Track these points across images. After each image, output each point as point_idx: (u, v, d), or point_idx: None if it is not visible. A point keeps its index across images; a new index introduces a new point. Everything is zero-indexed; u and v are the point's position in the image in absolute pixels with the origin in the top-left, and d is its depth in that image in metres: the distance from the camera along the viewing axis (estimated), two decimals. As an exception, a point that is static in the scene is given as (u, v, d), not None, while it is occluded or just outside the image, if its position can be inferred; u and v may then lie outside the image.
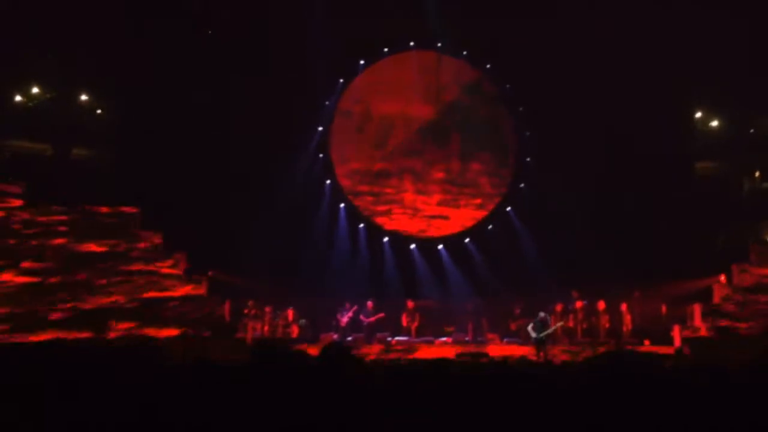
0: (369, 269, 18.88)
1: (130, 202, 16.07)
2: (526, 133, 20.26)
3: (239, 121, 17.62)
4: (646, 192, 18.06)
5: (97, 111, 18.04)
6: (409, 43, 20.41)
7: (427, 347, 16.03)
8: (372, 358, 14.15)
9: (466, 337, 17.08)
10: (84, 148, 18.17)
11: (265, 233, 17.08)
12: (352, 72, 20.36)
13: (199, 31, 18.00)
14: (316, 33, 17.35)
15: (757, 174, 18.72)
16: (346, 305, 17.51)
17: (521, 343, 16.17)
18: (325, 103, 20.06)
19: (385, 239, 19.86)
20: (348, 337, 16.66)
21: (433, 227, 20.20)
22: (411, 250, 19.83)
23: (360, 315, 17.47)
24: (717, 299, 16.23)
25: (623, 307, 16.97)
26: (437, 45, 20.35)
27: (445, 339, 16.85)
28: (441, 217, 20.25)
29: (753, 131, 18.51)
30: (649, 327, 16.92)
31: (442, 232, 20.17)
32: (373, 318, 17.37)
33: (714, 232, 18.03)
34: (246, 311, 16.81)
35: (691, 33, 16.37)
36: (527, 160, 20.30)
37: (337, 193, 20.06)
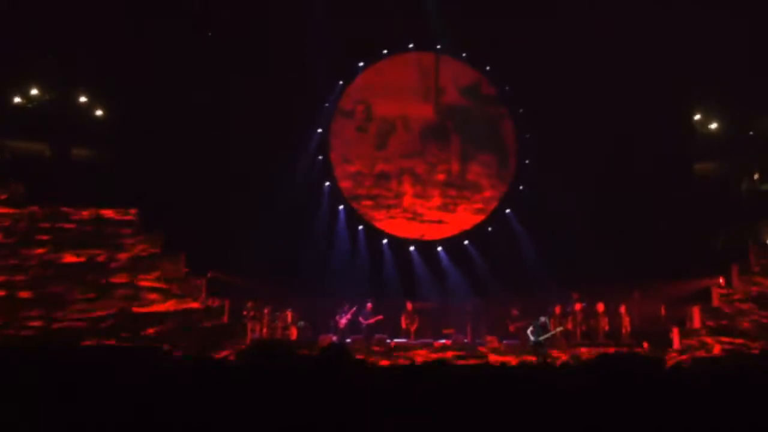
0: (368, 269, 18.84)
1: (129, 203, 16.06)
2: (526, 135, 20.22)
3: (239, 121, 17.60)
4: (646, 192, 18.03)
5: (97, 112, 17.97)
6: (409, 45, 20.38)
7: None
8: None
9: (465, 339, 17.07)
10: (84, 149, 18.10)
11: (264, 233, 17.05)
12: (351, 73, 20.31)
13: (199, 31, 17.96)
14: (316, 33, 17.34)
15: (756, 176, 18.69)
16: (345, 307, 17.49)
17: (520, 346, 16.14)
18: (325, 105, 20.01)
19: (384, 241, 19.82)
20: (347, 339, 16.64)
21: (433, 231, 20.13)
22: (410, 251, 19.79)
23: (359, 317, 17.46)
24: (716, 302, 16.24)
25: (622, 308, 16.95)
26: (437, 46, 20.30)
27: (444, 341, 16.82)
28: (440, 222, 20.16)
29: (752, 133, 18.47)
30: (649, 329, 16.89)
31: (442, 235, 20.12)
32: (372, 320, 17.36)
33: (713, 232, 18.01)
34: (245, 313, 16.79)
35: (691, 33, 16.36)
36: (526, 162, 20.25)
37: (336, 194, 20.01)
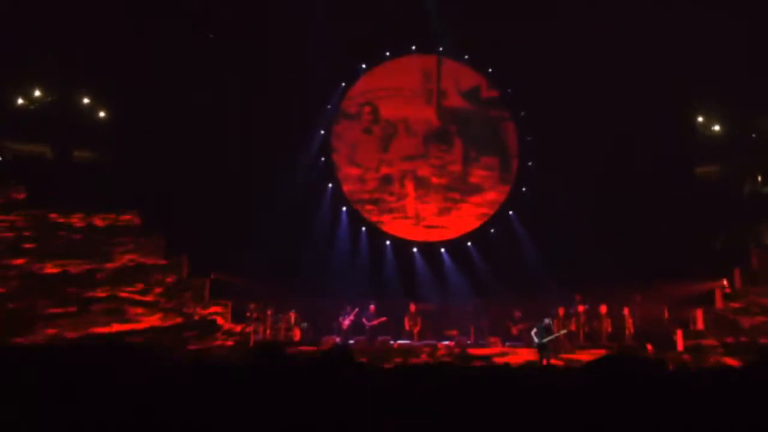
0: (369, 269, 18.79)
1: (130, 204, 16.06)
2: (528, 138, 20.19)
3: (239, 121, 17.58)
4: (647, 193, 18.00)
5: (99, 113, 17.95)
6: (411, 47, 20.34)
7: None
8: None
9: (468, 341, 17.05)
10: (86, 150, 18.08)
11: (265, 233, 17.02)
12: (353, 74, 20.28)
13: (199, 31, 17.94)
14: (316, 33, 17.34)
15: (759, 178, 18.65)
16: (347, 308, 17.48)
17: (523, 346, 16.15)
18: (327, 107, 19.97)
19: (387, 243, 19.78)
20: (350, 340, 16.62)
21: (435, 233, 20.04)
22: (413, 253, 19.73)
23: (362, 318, 17.44)
24: (719, 304, 16.23)
25: (625, 311, 16.91)
26: (439, 49, 20.26)
27: (447, 343, 16.78)
28: (442, 227, 20.07)
29: (755, 136, 18.43)
30: (652, 331, 16.86)
31: (444, 237, 20.03)
32: (375, 321, 17.36)
33: (714, 233, 17.98)
34: (248, 314, 16.78)
35: (691, 33, 16.33)
36: (529, 164, 20.21)
37: (338, 196, 19.95)
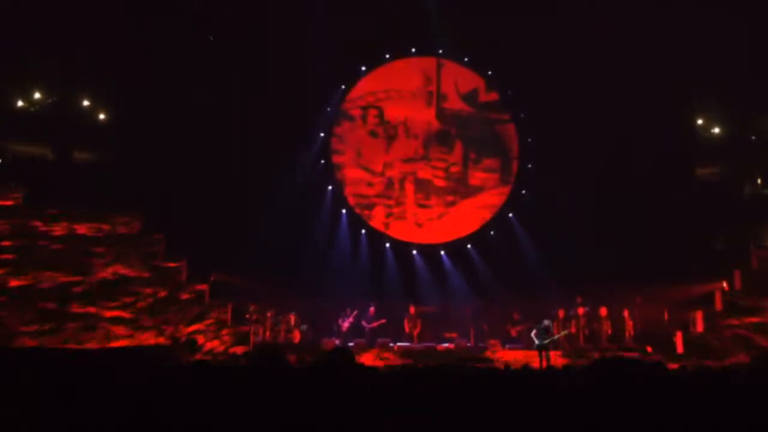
0: (369, 270, 18.76)
1: (131, 205, 16.08)
2: (528, 139, 20.17)
3: (239, 121, 17.57)
4: (647, 193, 17.99)
5: (98, 114, 17.93)
6: (411, 49, 20.32)
7: None
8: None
9: (468, 343, 17.04)
10: (86, 151, 18.05)
11: (265, 234, 16.99)
12: (353, 75, 20.24)
13: (199, 31, 17.93)
14: (316, 33, 17.33)
15: (759, 180, 18.65)
16: (347, 311, 17.47)
17: (523, 348, 16.17)
18: (327, 109, 19.93)
19: (387, 245, 19.74)
20: (349, 342, 16.60)
21: (435, 235, 19.98)
22: (412, 254, 19.69)
23: (362, 320, 17.44)
24: (719, 306, 16.23)
25: (625, 313, 16.93)
26: (439, 51, 20.22)
27: (447, 345, 16.79)
28: (443, 227, 20.00)
29: (754, 138, 18.43)
30: (652, 333, 16.87)
31: (444, 239, 19.98)
32: (375, 323, 17.36)
33: (714, 234, 17.97)
34: (247, 316, 16.78)
35: (691, 33, 16.34)
36: (529, 166, 20.19)
37: (338, 197, 19.90)
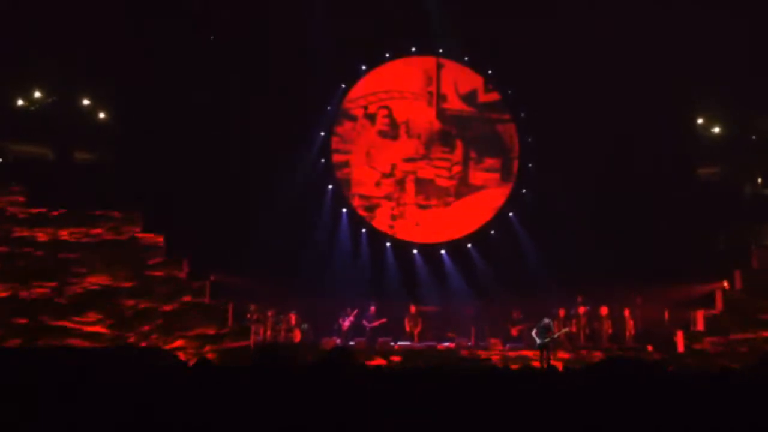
0: (370, 270, 18.76)
1: (131, 206, 16.07)
2: (528, 139, 20.15)
3: (239, 121, 17.57)
4: (647, 193, 17.99)
5: (99, 114, 17.92)
6: (411, 49, 20.30)
7: None
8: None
9: (469, 343, 17.03)
10: (86, 152, 18.04)
11: (265, 233, 16.99)
12: (353, 75, 20.21)
13: (199, 31, 17.93)
14: (316, 33, 17.32)
15: (759, 180, 18.66)
16: (347, 310, 17.46)
17: (524, 347, 16.18)
18: (327, 108, 19.90)
19: (387, 244, 19.74)
20: (350, 342, 16.62)
21: (436, 235, 19.96)
22: (413, 254, 19.68)
23: (362, 320, 17.43)
24: (720, 305, 16.21)
25: (626, 312, 16.93)
26: (439, 51, 20.21)
27: (447, 344, 16.78)
28: (443, 227, 19.95)
29: (754, 137, 18.42)
30: (652, 332, 16.86)
31: (445, 238, 19.96)
32: (376, 323, 17.36)
33: (714, 234, 17.97)
34: (248, 316, 16.76)
35: (691, 33, 16.34)
36: (529, 165, 20.18)
37: (338, 197, 19.88)
